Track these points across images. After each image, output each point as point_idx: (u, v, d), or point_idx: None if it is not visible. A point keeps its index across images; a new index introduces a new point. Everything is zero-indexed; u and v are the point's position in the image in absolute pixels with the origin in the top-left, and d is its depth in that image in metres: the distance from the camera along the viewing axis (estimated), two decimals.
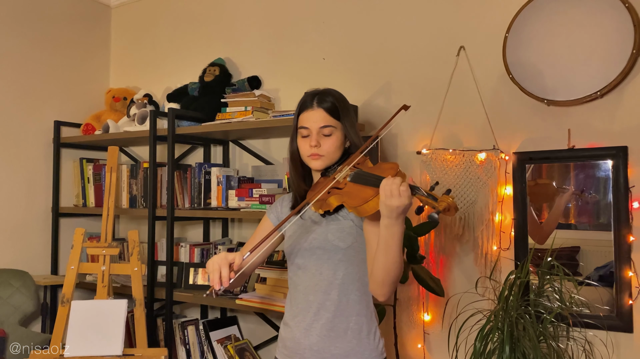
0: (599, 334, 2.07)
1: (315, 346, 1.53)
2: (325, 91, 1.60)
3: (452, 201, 1.26)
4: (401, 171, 1.40)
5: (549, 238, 2.18)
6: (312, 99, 1.58)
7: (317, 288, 1.55)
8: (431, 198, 1.29)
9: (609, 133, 2.09)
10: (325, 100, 1.56)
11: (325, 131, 1.55)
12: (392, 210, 1.31)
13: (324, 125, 1.55)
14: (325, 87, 1.65)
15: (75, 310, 2.21)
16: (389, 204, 1.30)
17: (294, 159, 1.65)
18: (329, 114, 1.56)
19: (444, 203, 1.25)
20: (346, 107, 1.60)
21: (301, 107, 1.60)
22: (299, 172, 1.65)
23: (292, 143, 1.64)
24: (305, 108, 1.58)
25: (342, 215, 1.56)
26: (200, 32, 3.21)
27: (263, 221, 1.74)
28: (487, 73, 2.33)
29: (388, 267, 1.40)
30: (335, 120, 1.56)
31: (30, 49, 3.14)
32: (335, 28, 2.73)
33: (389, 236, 1.36)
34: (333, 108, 1.56)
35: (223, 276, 1.38)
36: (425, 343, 2.43)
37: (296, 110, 1.62)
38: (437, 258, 2.41)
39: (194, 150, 3.19)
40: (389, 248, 1.37)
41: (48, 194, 3.21)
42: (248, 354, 2.68)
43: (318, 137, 1.55)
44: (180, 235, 3.22)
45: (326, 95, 1.58)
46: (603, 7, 2.03)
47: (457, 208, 1.27)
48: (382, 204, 1.32)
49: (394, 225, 1.34)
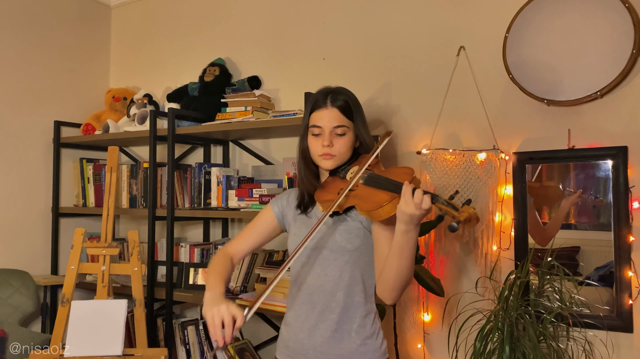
0: (599, 334, 2.07)
1: (320, 347, 1.52)
2: (338, 90, 1.57)
3: (474, 212, 1.23)
4: (416, 177, 1.38)
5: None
6: (325, 98, 1.54)
7: (322, 289, 1.54)
8: (452, 208, 1.25)
9: (608, 133, 2.09)
10: (338, 99, 1.54)
11: (339, 131, 1.52)
12: (411, 217, 1.29)
13: (337, 124, 1.52)
14: (326, 87, 1.63)
15: (75, 310, 2.21)
16: (408, 211, 1.28)
17: (305, 157, 1.61)
18: (343, 114, 1.53)
19: (466, 214, 1.22)
20: (358, 106, 1.58)
21: (313, 105, 1.56)
22: (311, 170, 1.62)
23: (302, 141, 1.61)
24: (317, 106, 1.55)
25: (351, 216, 1.54)
26: (200, 32, 3.21)
27: (265, 212, 1.70)
28: (487, 73, 2.33)
29: (401, 272, 1.39)
30: (348, 120, 1.54)
31: (31, 49, 3.14)
32: (335, 28, 2.73)
33: (404, 242, 1.34)
34: (347, 107, 1.53)
35: (227, 335, 1.35)
36: (425, 343, 2.43)
37: (307, 108, 1.58)
38: (437, 258, 2.41)
39: (194, 150, 3.19)
40: (403, 254, 1.36)
41: (48, 194, 3.21)
42: (248, 354, 2.68)
43: (331, 136, 1.52)
44: (180, 235, 3.22)
45: (339, 94, 1.55)
46: (603, 7, 2.03)
47: (478, 219, 1.23)
48: (401, 211, 1.30)
49: (410, 231, 1.33)
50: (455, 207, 1.25)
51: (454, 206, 1.26)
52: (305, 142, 1.60)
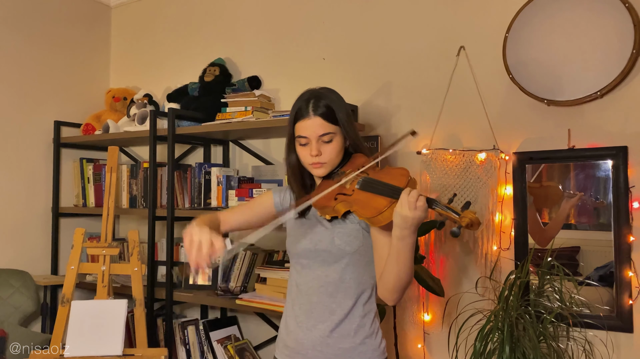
0: (599, 334, 2.07)
1: (319, 347, 1.52)
2: (318, 94, 1.52)
3: (475, 217, 1.20)
4: (412, 178, 1.36)
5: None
6: (307, 106, 1.50)
7: (322, 290, 1.54)
8: (452, 212, 1.23)
9: (608, 133, 2.09)
10: (319, 105, 1.49)
11: (325, 138, 1.49)
12: (408, 223, 1.29)
13: (323, 133, 1.49)
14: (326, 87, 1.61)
15: (75, 310, 2.21)
16: (405, 216, 1.28)
17: (293, 169, 1.59)
18: (327, 120, 1.49)
19: (467, 219, 1.20)
20: (341, 106, 1.53)
21: (296, 115, 1.52)
22: (299, 181, 1.61)
23: (289, 154, 1.58)
24: (300, 116, 1.51)
25: (349, 219, 1.53)
26: (200, 32, 3.21)
27: (265, 196, 1.69)
28: (487, 73, 2.33)
29: (400, 275, 1.39)
30: (333, 126, 1.50)
31: (30, 49, 3.14)
32: (335, 28, 2.73)
33: (400, 248, 1.34)
34: (329, 113, 1.49)
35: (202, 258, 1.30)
36: (425, 343, 2.43)
37: (290, 118, 1.54)
38: (437, 258, 2.41)
39: (194, 150, 3.19)
40: (401, 257, 1.36)
41: (48, 194, 3.21)
42: (248, 355, 2.68)
43: (318, 145, 1.49)
44: (180, 235, 3.21)
45: (319, 100, 1.50)
46: (603, 7, 2.03)
47: (479, 223, 1.20)
48: (398, 216, 1.29)
49: (407, 236, 1.32)
50: (457, 212, 1.23)
51: (455, 211, 1.24)
52: (293, 155, 1.57)
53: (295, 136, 1.53)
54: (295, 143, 1.55)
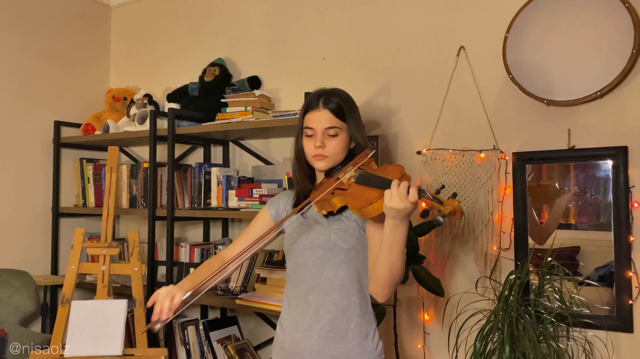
0: (599, 334, 2.07)
1: (315, 347, 1.52)
2: (331, 91, 1.59)
3: (458, 205, 1.26)
4: (406, 173, 1.40)
5: (549, 238, 2.18)
6: (318, 100, 1.56)
7: (318, 288, 1.54)
8: (437, 201, 1.28)
9: (608, 133, 2.09)
10: (330, 101, 1.55)
11: (331, 132, 1.55)
12: (398, 212, 1.31)
13: (329, 126, 1.54)
14: (326, 87, 1.64)
15: (75, 310, 2.21)
16: (395, 206, 1.31)
17: (299, 158, 1.64)
18: (335, 115, 1.55)
19: (450, 207, 1.25)
20: (352, 107, 1.59)
21: (307, 107, 1.59)
22: (304, 171, 1.65)
23: (297, 142, 1.64)
24: (310, 108, 1.57)
25: (346, 216, 1.55)
26: (200, 32, 3.21)
27: (261, 215, 1.73)
28: (487, 73, 2.33)
29: (390, 268, 1.41)
30: (340, 121, 1.55)
31: (30, 49, 3.14)
32: (335, 28, 2.73)
33: (392, 238, 1.36)
34: (338, 109, 1.55)
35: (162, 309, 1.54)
36: (425, 343, 2.43)
37: (302, 110, 1.61)
38: (437, 258, 2.40)
39: (194, 150, 3.19)
40: (392, 250, 1.38)
41: (48, 194, 3.21)
42: (248, 354, 2.68)
43: (323, 137, 1.54)
44: (180, 235, 3.22)
45: (332, 96, 1.57)
46: (603, 7, 2.03)
47: (463, 212, 1.26)
48: (388, 206, 1.32)
49: (398, 226, 1.35)
50: (440, 201, 1.28)
51: (439, 200, 1.29)
52: (300, 144, 1.62)
53: (303, 127, 1.59)
54: (302, 135, 1.60)
